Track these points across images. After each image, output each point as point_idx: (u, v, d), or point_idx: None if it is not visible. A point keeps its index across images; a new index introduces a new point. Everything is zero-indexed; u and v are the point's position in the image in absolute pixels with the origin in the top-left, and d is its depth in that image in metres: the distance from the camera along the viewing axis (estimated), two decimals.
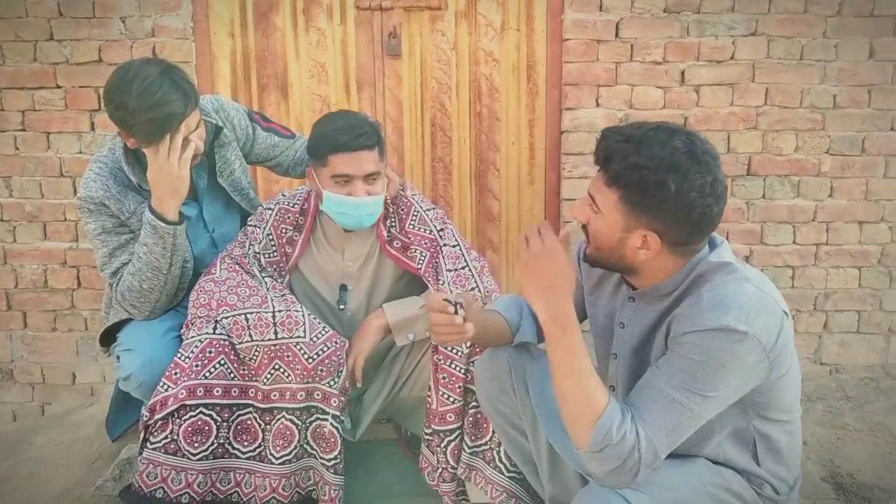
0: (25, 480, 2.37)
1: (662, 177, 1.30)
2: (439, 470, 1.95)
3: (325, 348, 1.88)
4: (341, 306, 2.08)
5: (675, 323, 1.37)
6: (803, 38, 2.96)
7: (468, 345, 1.88)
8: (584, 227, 1.45)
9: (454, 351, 1.89)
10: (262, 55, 3.04)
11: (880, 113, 3.01)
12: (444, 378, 1.90)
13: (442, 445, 1.93)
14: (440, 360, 1.90)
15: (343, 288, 2.08)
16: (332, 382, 1.89)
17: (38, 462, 2.48)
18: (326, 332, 1.90)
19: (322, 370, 1.87)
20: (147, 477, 1.81)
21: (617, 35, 2.96)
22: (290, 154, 2.29)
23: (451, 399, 1.89)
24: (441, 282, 1.97)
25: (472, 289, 1.98)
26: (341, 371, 1.90)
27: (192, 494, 1.83)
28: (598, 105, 3.00)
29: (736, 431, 1.44)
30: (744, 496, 1.45)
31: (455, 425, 1.91)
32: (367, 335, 1.99)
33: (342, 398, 1.91)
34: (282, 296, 1.96)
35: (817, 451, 2.53)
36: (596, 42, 2.97)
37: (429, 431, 1.96)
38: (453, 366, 1.89)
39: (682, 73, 2.98)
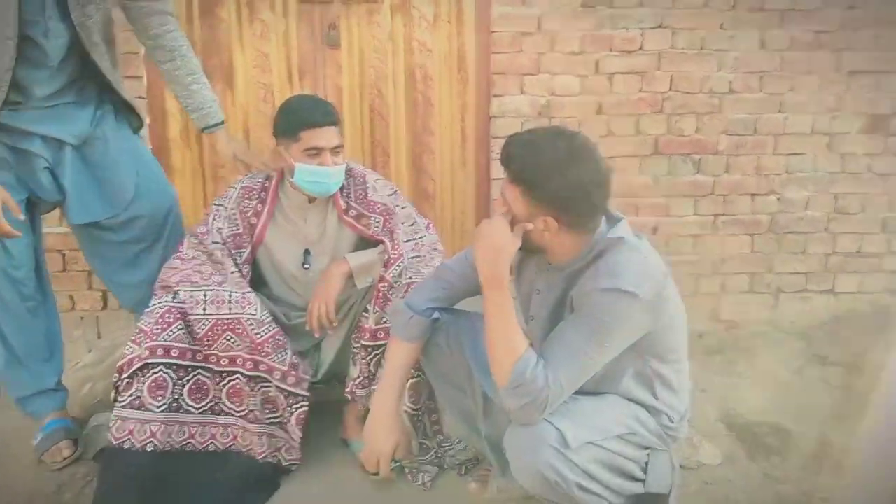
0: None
1: (548, 172, 1.58)
2: (359, 379, 2.18)
3: (270, 328, 2.11)
4: (306, 266, 2.28)
5: (579, 288, 1.64)
6: (703, 30, 3.18)
7: (408, 277, 2.11)
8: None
9: (395, 280, 2.12)
10: (208, 46, 3.14)
11: (770, 97, 3.26)
12: (383, 300, 2.12)
13: (367, 359, 2.15)
14: (384, 287, 2.13)
15: (307, 252, 2.29)
16: (275, 358, 2.10)
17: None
18: (271, 318, 2.14)
19: (267, 347, 2.08)
20: (116, 431, 1.98)
21: (539, 28, 3.14)
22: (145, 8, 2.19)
23: (385, 319, 2.11)
24: (396, 239, 2.20)
25: (421, 237, 2.23)
26: (286, 349, 2.12)
27: (156, 443, 1.99)
28: (523, 92, 3.18)
29: (637, 373, 1.71)
30: (647, 423, 1.72)
31: (383, 342, 2.10)
32: (332, 280, 2.18)
33: (293, 373, 2.11)
34: (239, 287, 2.15)
35: (715, 397, 2.73)
36: (520, 34, 3.13)
37: (357, 346, 2.18)
38: (392, 293, 2.12)
39: (597, 62, 3.18)
